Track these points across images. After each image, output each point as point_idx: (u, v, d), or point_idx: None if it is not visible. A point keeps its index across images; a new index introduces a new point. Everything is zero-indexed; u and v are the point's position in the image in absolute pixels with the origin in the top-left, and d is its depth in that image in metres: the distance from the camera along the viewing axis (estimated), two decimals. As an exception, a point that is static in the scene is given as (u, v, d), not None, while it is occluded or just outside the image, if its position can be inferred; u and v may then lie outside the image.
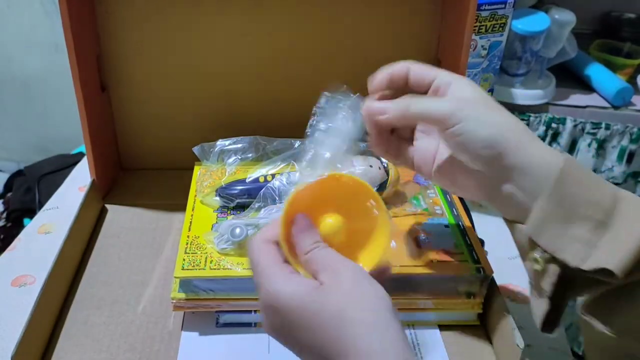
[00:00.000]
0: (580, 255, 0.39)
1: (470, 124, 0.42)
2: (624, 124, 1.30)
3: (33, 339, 0.51)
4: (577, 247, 0.39)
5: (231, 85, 0.76)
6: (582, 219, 0.40)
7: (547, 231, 0.40)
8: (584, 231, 0.40)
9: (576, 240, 0.40)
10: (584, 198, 0.40)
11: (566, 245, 0.40)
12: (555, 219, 0.40)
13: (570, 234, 0.40)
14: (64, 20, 0.61)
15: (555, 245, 0.40)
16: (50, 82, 1.92)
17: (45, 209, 0.80)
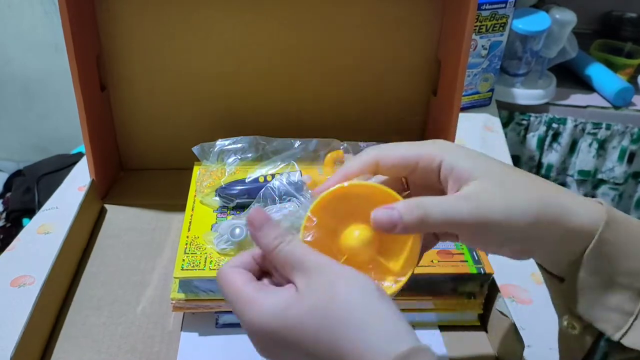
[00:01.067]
0: (620, 328, 0.37)
1: (503, 224, 0.36)
2: (625, 124, 1.30)
3: (32, 339, 0.51)
4: (617, 318, 0.37)
5: (231, 86, 0.76)
6: (621, 287, 0.37)
7: (583, 298, 0.38)
8: (623, 300, 0.37)
9: (615, 310, 0.37)
10: (623, 265, 0.37)
11: (604, 315, 0.38)
12: (592, 286, 0.38)
13: (609, 303, 0.38)
14: (63, 20, 0.61)
15: (592, 314, 0.38)
16: (50, 82, 1.92)
17: (44, 209, 0.79)
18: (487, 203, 0.36)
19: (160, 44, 0.73)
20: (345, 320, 0.33)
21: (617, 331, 0.37)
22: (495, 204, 0.36)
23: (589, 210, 0.37)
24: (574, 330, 0.39)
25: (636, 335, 0.37)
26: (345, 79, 0.77)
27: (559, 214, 0.37)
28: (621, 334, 0.37)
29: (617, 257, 0.37)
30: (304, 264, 0.35)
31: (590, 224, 0.37)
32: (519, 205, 0.37)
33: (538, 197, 0.37)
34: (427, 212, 0.36)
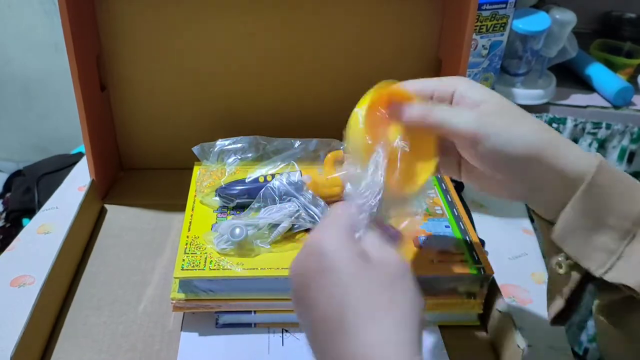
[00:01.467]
0: (604, 265, 0.40)
1: (498, 140, 0.40)
2: (625, 123, 1.29)
3: (32, 339, 0.51)
4: (601, 256, 0.40)
5: (231, 86, 0.76)
6: (608, 228, 0.40)
7: (572, 239, 0.41)
8: (609, 240, 0.40)
9: (600, 249, 0.40)
10: (612, 208, 0.40)
11: (590, 253, 0.40)
12: (581, 227, 0.40)
13: (595, 242, 0.40)
14: (63, 20, 0.61)
15: (579, 253, 0.41)
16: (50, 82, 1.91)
17: (44, 209, 0.79)
18: (490, 119, 0.40)
19: (160, 44, 0.73)
20: (381, 314, 0.33)
21: (601, 268, 0.40)
22: (498, 123, 0.40)
23: (582, 155, 0.40)
24: (561, 269, 0.42)
25: (618, 272, 0.39)
26: (346, 78, 0.77)
27: (555, 152, 0.40)
28: (604, 271, 0.40)
29: (607, 199, 0.40)
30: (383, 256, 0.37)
31: (583, 165, 0.40)
32: (520, 131, 0.40)
33: (538, 130, 0.40)
34: (432, 112, 0.42)
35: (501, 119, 0.40)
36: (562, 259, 0.42)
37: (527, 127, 0.40)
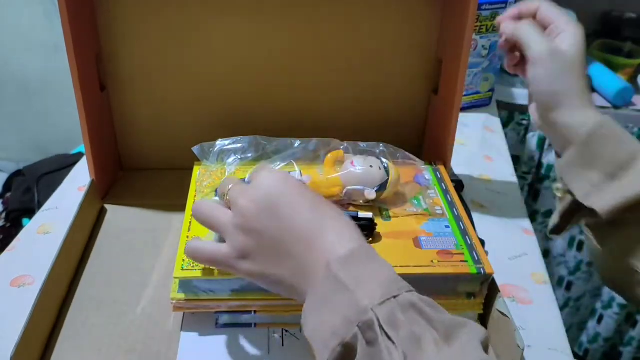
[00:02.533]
0: (585, 193, 0.54)
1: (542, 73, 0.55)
2: (625, 124, 1.29)
3: (32, 339, 0.51)
4: (586, 187, 0.54)
5: (231, 85, 0.76)
6: (598, 168, 0.53)
7: (569, 172, 0.55)
8: (596, 177, 0.53)
9: (588, 182, 0.54)
10: (603, 153, 0.53)
11: (579, 183, 0.54)
12: (577, 164, 0.54)
13: (586, 177, 0.54)
14: (63, 20, 0.61)
15: (571, 182, 0.55)
16: (50, 82, 1.92)
17: (44, 209, 0.79)
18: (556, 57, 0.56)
19: (160, 44, 0.73)
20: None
21: (581, 193, 0.54)
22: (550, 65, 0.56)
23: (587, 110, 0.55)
24: (559, 192, 0.58)
25: (595, 199, 0.53)
26: (346, 79, 0.77)
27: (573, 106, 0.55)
28: (583, 195, 0.54)
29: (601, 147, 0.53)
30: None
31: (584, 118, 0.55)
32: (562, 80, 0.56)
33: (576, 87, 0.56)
34: (522, 28, 0.59)
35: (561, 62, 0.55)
36: (561, 185, 0.57)
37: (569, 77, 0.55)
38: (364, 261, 0.40)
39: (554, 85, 0.55)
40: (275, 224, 0.42)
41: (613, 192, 0.52)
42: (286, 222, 0.42)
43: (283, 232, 0.42)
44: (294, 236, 0.41)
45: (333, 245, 0.40)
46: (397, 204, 0.64)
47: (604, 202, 0.52)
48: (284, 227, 0.42)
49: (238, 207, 0.44)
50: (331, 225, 0.42)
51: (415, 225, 0.61)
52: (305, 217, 0.42)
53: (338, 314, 0.37)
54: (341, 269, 0.38)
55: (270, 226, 0.42)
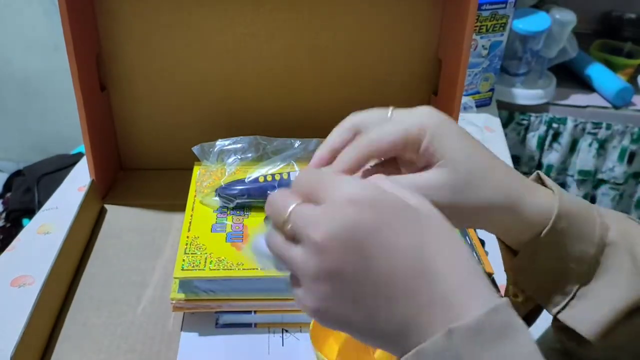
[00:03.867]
0: (557, 304, 0.41)
1: (468, 207, 0.38)
2: (625, 124, 1.30)
3: (32, 339, 0.51)
4: (558, 299, 0.41)
5: (231, 86, 0.76)
6: (566, 272, 0.40)
7: (531, 279, 0.42)
8: (566, 283, 0.40)
9: (558, 291, 0.41)
10: (569, 252, 0.40)
11: (547, 293, 0.41)
12: (539, 271, 0.41)
13: (553, 285, 0.41)
14: (63, 20, 0.61)
15: (536, 292, 0.42)
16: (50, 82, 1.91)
17: (44, 209, 0.79)
18: (462, 195, 0.38)
19: (160, 44, 0.72)
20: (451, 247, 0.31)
21: (555, 307, 0.41)
22: (468, 193, 0.38)
23: (544, 200, 0.40)
24: (517, 298, 0.43)
25: (570, 313, 0.40)
26: (346, 79, 0.77)
27: (520, 202, 0.39)
28: (557, 310, 0.41)
29: (567, 245, 0.40)
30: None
31: (545, 210, 0.39)
32: (487, 193, 0.38)
33: (505, 186, 0.39)
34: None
35: (469, 185, 0.38)
36: (517, 289, 0.43)
37: (495, 185, 0.39)
38: (497, 339, 0.29)
39: (489, 201, 0.39)
40: (364, 270, 0.30)
41: (593, 308, 0.40)
42: (381, 269, 0.30)
43: (376, 279, 0.30)
44: (390, 287, 0.30)
45: (452, 305, 0.29)
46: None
47: (586, 319, 0.40)
48: (377, 275, 0.30)
49: (311, 243, 0.30)
50: (446, 274, 0.30)
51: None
52: (406, 263, 0.30)
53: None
54: (467, 345, 0.28)
55: (358, 271, 0.30)
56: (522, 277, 0.42)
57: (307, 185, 0.33)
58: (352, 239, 0.30)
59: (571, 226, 0.40)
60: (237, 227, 0.60)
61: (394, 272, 0.30)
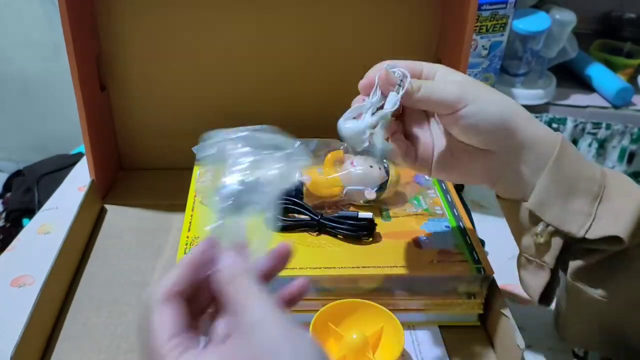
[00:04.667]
0: (584, 226, 0.43)
1: (480, 104, 0.43)
2: (625, 124, 1.29)
3: (32, 339, 0.51)
4: (580, 219, 0.44)
5: (231, 86, 0.76)
6: (581, 193, 0.44)
7: (551, 206, 0.44)
8: (584, 204, 0.44)
9: (578, 212, 0.44)
10: (580, 173, 0.44)
11: (570, 217, 0.44)
12: (557, 194, 0.44)
13: (572, 207, 0.44)
14: (63, 20, 0.61)
15: (558, 218, 0.44)
16: (50, 82, 1.91)
17: (44, 209, 0.79)
18: (470, 88, 0.44)
19: (160, 44, 0.73)
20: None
21: (581, 229, 0.44)
22: (477, 91, 0.44)
23: (546, 128, 0.46)
24: (541, 238, 0.45)
25: (596, 229, 0.43)
26: (345, 78, 0.77)
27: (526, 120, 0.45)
28: (585, 231, 0.43)
29: (575, 166, 0.44)
30: (245, 313, 0.31)
31: (550, 136, 0.45)
32: (497, 97, 0.45)
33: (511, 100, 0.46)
34: (422, 86, 0.44)
35: (479, 89, 0.44)
36: (541, 228, 0.45)
37: (502, 96, 0.45)
38: None
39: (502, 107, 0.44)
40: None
41: (617, 213, 0.43)
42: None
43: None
44: None
45: None
46: (397, 204, 0.64)
47: (617, 226, 0.42)
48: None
49: None
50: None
51: (415, 225, 0.61)
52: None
53: None
54: None
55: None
56: (544, 207, 0.44)
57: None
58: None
59: (575, 152, 0.45)
60: (237, 227, 0.60)
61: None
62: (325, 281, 0.54)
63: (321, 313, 0.52)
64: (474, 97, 0.43)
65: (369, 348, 0.51)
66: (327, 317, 0.52)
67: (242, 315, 0.31)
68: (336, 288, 0.54)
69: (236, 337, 0.30)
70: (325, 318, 0.52)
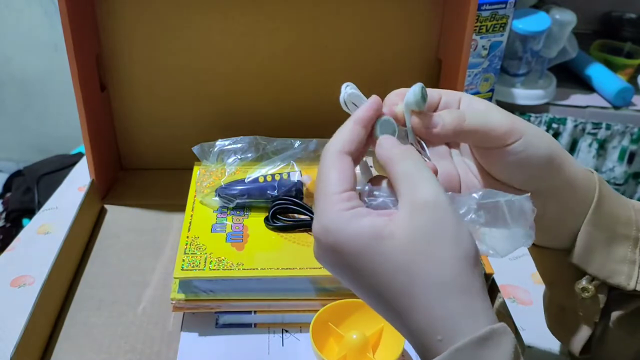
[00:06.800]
0: (631, 277, 0.40)
1: (530, 137, 0.37)
2: (625, 124, 1.30)
3: (32, 339, 0.51)
4: (626, 269, 0.40)
5: (231, 85, 0.76)
6: (621, 238, 0.40)
7: (595, 257, 0.40)
8: (627, 250, 0.40)
9: (622, 261, 0.40)
10: (617, 217, 0.40)
11: (615, 268, 0.40)
12: (599, 242, 0.40)
13: (615, 256, 0.40)
14: (63, 20, 0.61)
15: (605, 270, 0.40)
16: (50, 82, 1.91)
17: (44, 209, 0.79)
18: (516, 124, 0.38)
19: (160, 43, 0.72)
20: (432, 277, 0.31)
21: (630, 280, 0.40)
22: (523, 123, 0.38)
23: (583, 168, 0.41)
24: (587, 293, 0.41)
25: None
26: (346, 78, 0.77)
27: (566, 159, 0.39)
28: (635, 282, 0.40)
29: (612, 209, 0.40)
30: (416, 188, 0.33)
31: (587, 176, 0.40)
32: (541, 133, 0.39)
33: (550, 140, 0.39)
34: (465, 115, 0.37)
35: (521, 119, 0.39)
36: (586, 282, 0.41)
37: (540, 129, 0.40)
38: None
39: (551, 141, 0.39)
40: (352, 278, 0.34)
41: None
42: (365, 283, 0.33)
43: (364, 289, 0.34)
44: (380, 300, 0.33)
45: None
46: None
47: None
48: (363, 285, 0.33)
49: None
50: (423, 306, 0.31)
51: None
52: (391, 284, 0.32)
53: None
54: None
55: (347, 276, 0.34)
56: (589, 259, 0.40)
57: None
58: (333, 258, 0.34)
59: (610, 191, 0.41)
60: (237, 227, 0.60)
61: (379, 290, 0.32)
62: (325, 281, 0.54)
63: (321, 313, 0.52)
64: (525, 128, 0.38)
65: (369, 348, 0.51)
66: (327, 317, 0.52)
67: (413, 193, 0.32)
68: (336, 288, 0.54)
69: (409, 210, 0.32)
70: (325, 318, 0.52)
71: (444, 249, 0.31)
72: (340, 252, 0.33)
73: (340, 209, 0.33)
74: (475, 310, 0.31)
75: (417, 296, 0.31)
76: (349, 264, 0.33)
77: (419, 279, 0.31)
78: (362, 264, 0.32)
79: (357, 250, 0.32)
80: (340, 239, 0.32)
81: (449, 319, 0.31)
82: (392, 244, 0.31)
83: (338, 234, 0.32)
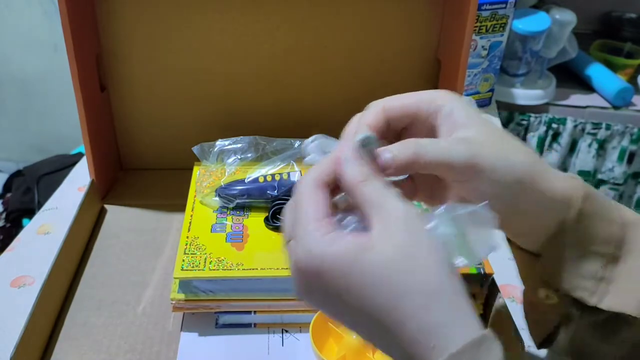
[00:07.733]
0: (594, 293, 0.39)
1: (495, 170, 0.37)
2: (625, 124, 1.30)
3: (32, 340, 0.51)
4: (590, 284, 0.39)
5: (231, 86, 0.76)
6: (593, 255, 0.39)
7: (561, 272, 0.40)
8: (596, 267, 0.39)
9: (589, 277, 0.39)
10: (596, 234, 0.39)
11: (580, 283, 0.39)
12: (568, 259, 0.39)
13: (583, 271, 0.39)
14: (63, 20, 0.61)
15: (569, 284, 0.40)
16: (50, 82, 1.91)
17: (44, 209, 0.79)
18: (484, 150, 0.37)
19: (160, 43, 0.73)
20: (419, 285, 0.31)
21: (593, 296, 0.39)
22: (488, 151, 0.37)
23: (565, 179, 0.39)
24: (551, 301, 0.41)
25: (611, 299, 0.39)
26: (345, 78, 0.77)
27: (543, 176, 0.38)
28: (597, 299, 0.39)
29: (591, 227, 0.39)
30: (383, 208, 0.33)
31: (568, 190, 0.38)
32: (510, 159, 0.38)
33: (527, 155, 0.38)
34: (423, 148, 0.36)
35: (493, 147, 0.37)
36: (551, 292, 0.41)
37: (519, 154, 0.38)
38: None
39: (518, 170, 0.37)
40: (334, 302, 0.34)
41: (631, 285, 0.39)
42: (349, 306, 0.33)
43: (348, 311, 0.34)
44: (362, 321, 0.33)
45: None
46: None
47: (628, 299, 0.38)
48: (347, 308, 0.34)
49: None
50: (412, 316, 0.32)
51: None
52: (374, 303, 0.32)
53: None
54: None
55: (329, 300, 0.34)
56: (554, 272, 0.40)
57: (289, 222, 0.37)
58: (313, 284, 0.34)
59: (596, 207, 0.39)
60: (237, 227, 0.60)
61: (368, 308, 0.32)
62: (325, 281, 0.54)
63: (321, 313, 0.52)
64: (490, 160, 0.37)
65: (369, 348, 0.51)
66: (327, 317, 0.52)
67: (383, 213, 0.33)
68: (336, 288, 0.54)
69: (383, 227, 0.33)
70: (325, 318, 0.52)
71: (425, 257, 0.32)
72: (326, 273, 0.33)
73: (322, 233, 0.33)
74: (463, 314, 0.32)
75: (407, 306, 0.31)
76: (335, 286, 0.33)
77: (407, 289, 0.31)
78: (350, 281, 0.32)
79: (343, 267, 0.32)
80: (327, 259, 0.33)
81: (441, 325, 0.31)
82: (376, 258, 0.32)
83: (323, 255, 0.33)
